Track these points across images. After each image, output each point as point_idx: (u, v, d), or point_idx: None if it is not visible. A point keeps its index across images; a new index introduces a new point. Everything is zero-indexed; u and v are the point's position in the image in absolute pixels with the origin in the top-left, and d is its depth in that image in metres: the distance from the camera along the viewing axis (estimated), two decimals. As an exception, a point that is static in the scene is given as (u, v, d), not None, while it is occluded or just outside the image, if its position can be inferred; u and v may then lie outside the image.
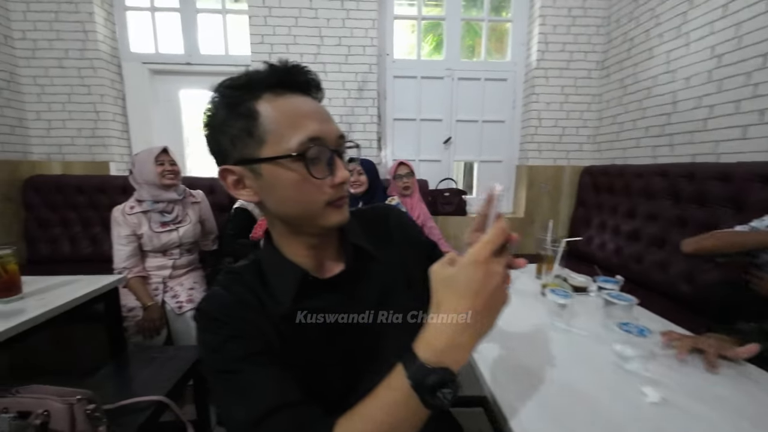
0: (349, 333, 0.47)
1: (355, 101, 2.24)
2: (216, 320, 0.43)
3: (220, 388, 0.41)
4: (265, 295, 0.45)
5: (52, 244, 2.07)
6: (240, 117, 0.41)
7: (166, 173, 1.53)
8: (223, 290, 0.46)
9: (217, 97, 0.43)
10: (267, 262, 0.48)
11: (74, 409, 0.72)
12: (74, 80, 2.12)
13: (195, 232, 1.65)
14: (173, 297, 1.51)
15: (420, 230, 0.62)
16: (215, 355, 0.41)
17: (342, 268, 0.50)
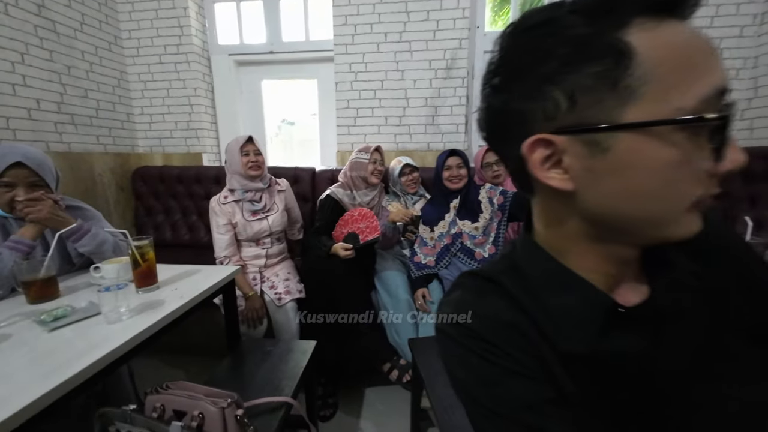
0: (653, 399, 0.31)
1: (442, 82, 2.05)
2: (487, 342, 0.32)
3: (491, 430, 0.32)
4: (545, 319, 0.33)
5: (156, 230, 2.23)
6: (596, 58, 0.26)
7: (250, 163, 1.52)
8: (479, 299, 0.35)
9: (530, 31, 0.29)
10: (537, 271, 0.35)
11: (225, 414, 0.68)
12: (172, 75, 2.23)
13: (283, 221, 1.64)
14: (271, 288, 1.51)
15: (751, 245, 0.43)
16: (489, 390, 0.32)
17: (646, 296, 0.34)
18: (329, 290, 1.46)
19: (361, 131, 2.16)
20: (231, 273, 1.11)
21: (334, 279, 1.45)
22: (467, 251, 1.41)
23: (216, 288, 1.03)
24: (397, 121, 2.12)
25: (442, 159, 1.47)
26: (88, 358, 0.63)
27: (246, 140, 1.53)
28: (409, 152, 2.12)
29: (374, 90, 2.10)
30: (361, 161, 1.64)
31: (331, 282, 1.46)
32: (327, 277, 1.47)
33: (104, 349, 0.66)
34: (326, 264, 1.52)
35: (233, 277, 1.13)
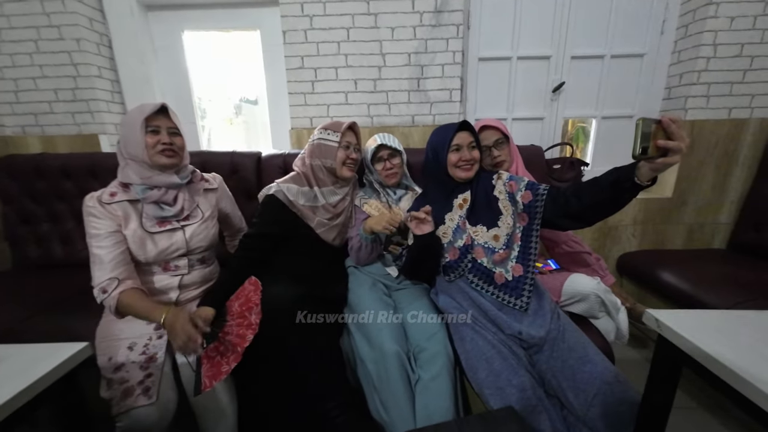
0: None
1: (429, 31, 1.51)
2: None
3: None
4: None
5: (40, 246, 1.59)
6: None
7: (160, 146, 0.96)
8: None
9: None
10: None
11: None
12: (39, 19, 1.53)
13: (209, 234, 1.08)
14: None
15: None
16: None
17: None
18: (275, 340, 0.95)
19: (322, 100, 1.60)
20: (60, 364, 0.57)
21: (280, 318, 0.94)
22: (482, 272, 0.94)
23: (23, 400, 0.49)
24: (371, 86, 1.57)
25: (448, 136, 0.96)
26: None
27: (155, 110, 0.95)
28: (388, 128, 1.59)
29: (338, 42, 1.52)
30: (327, 144, 1.10)
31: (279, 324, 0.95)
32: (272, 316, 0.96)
33: None
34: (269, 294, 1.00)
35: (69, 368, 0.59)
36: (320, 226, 1.12)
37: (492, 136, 1.14)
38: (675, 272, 1.40)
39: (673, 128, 0.66)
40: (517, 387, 0.80)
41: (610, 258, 1.69)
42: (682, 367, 0.61)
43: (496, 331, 0.90)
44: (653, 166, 0.69)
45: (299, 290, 0.98)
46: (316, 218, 1.11)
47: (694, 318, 0.64)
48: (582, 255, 1.20)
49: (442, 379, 0.88)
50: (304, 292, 0.98)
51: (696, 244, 1.67)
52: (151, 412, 0.82)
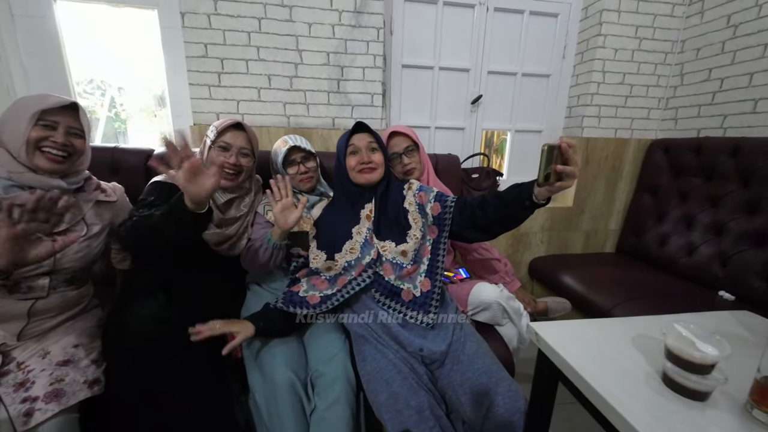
0: None
1: (349, 31, 1.45)
2: None
3: None
4: None
5: None
6: None
7: (49, 146, 0.79)
8: None
9: None
10: None
11: None
12: None
13: (89, 253, 0.89)
14: (20, 387, 0.75)
15: None
16: None
17: None
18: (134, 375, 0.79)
19: (231, 95, 1.43)
20: None
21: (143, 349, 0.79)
22: (389, 290, 0.88)
23: None
24: (287, 83, 1.45)
25: (345, 139, 0.89)
26: None
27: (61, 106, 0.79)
28: (307, 130, 1.48)
29: (248, 32, 1.38)
30: (206, 143, 0.96)
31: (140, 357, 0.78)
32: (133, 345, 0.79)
33: None
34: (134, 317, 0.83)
35: None
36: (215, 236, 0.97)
37: (402, 143, 1.11)
38: (573, 275, 1.53)
39: (569, 153, 0.67)
40: (415, 408, 0.76)
41: (522, 263, 1.79)
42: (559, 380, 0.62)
43: (398, 349, 0.86)
44: (551, 189, 0.71)
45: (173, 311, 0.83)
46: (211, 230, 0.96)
47: (569, 329, 0.66)
48: (491, 261, 1.23)
49: (339, 407, 0.80)
50: (181, 315, 0.83)
51: (592, 248, 1.86)
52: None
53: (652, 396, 0.50)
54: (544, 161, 0.67)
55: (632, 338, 0.63)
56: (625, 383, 0.52)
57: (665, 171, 1.67)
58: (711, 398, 0.48)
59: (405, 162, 1.10)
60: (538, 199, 0.75)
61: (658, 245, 1.60)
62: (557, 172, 0.67)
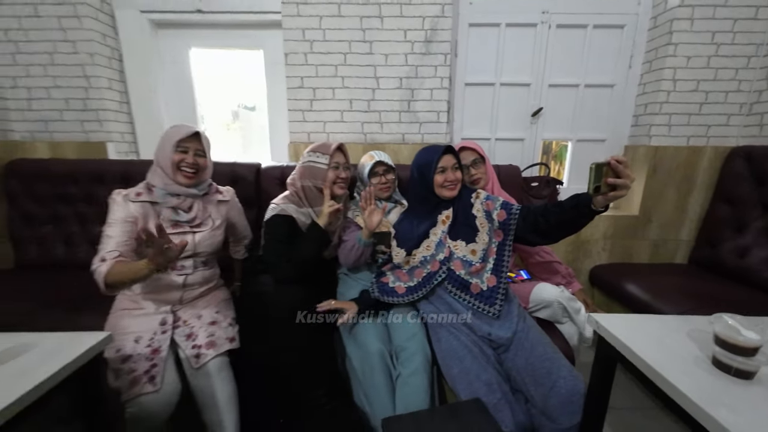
0: None
1: (420, 58, 1.65)
2: None
3: None
4: None
5: (41, 246, 1.66)
6: None
7: (184, 164, 1.09)
8: None
9: None
10: None
11: None
12: (56, 34, 1.63)
13: (214, 241, 1.19)
14: (188, 338, 1.06)
15: None
16: None
17: None
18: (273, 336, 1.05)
19: (320, 118, 1.72)
20: (87, 350, 0.66)
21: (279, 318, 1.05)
22: (459, 282, 1.05)
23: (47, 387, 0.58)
24: (365, 105, 1.70)
25: (434, 159, 1.07)
26: None
27: (190, 135, 1.08)
28: (380, 145, 1.71)
29: (335, 66, 1.66)
30: (317, 167, 1.20)
31: (276, 323, 1.05)
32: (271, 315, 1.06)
33: None
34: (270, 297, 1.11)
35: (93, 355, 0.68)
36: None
37: (470, 156, 1.27)
38: (638, 284, 1.53)
39: (620, 168, 0.79)
40: (485, 382, 0.91)
41: (582, 270, 1.82)
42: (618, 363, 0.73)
43: (469, 333, 1.01)
44: (605, 198, 0.82)
45: (301, 293, 1.09)
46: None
47: (628, 321, 0.76)
48: (552, 264, 1.32)
49: (419, 375, 0.98)
50: (305, 296, 1.09)
51: (660, 259, 1.82)
52: (156, 399, 0.91)
53: (703, 375, 0.60)
54: (592, 177, 0.79)
55: (687, 332, 0.71)
56: (679, 364, 0.62)
57: (747, 180, 1.59)
58: (756, 378, 0.57)
59: (472, 173, 1.26)
60: (596, 206, 0.86)
61: (736, 257, 1.53)
62: (608, 184, 0.79)
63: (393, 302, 1.10)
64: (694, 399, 0.53)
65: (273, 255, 1.14)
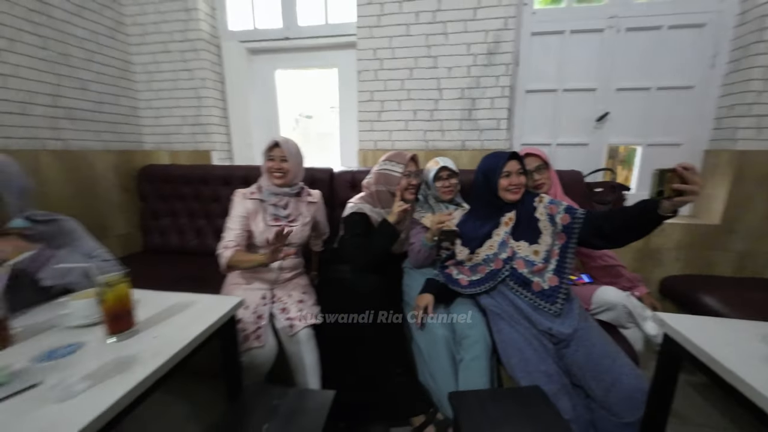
0: None
1: (482, 69, 1.75)
2: None
3: None
4: None
5: (162, 235, 2.06)
6: None
7: (272, 169, 1.35)
8: None
9: None
10: None
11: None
12: (178, 65, 2.03)
13: (304, 235, 1.43)
14: (282, 311, 1.29)
15: None
16: None
17: None
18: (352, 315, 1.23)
19: (386, 127, 1.90)
20: (231, 308, 0.89)
21: (357, 301, 1.23)
22: (521, 280, 1.13)
23: (210, 332, 0.80)
24: (428, 115, 1.84)
25: (500, 164, 1.16)
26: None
27: (273, 145, 1.35)
28: (441, 152, 1.84)
29: (402, 80, 1.82)
30: (391, 174, 1.37)
31: (355, 305, 1.23)
32: (350, 298, 1.25)
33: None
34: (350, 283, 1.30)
35: (233, 314, 0.91)
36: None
37: (533, 162, 1.33)
38: (717, 297, 1.45)
39: (687, 175, 0.81)
40: (544, 372, 0.98)
41: (650, 280, 1.74)
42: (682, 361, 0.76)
43: (529, 327, 1.09)
44: (672, 203, 0.85)
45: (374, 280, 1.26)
46: None
47: (693, 321, 0.79)
48: (617, 268, 1.33)
49: (481, 361, 1.08)
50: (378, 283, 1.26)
51: (746, 272, 1.67)
52: (261, 353, 1.15)
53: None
54: (655, 182, 0.82)
55: (761, 336, 0.73)
56: (749, 361, 0.65)
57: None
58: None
59: (536, 178, 1.32)
60: (663, 212, 0.88)
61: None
62: (674, 189, 0.81)
63: (457, 291, 1.22)
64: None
65: (351, 246, 1.33)
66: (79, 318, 0.78)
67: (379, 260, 1.32)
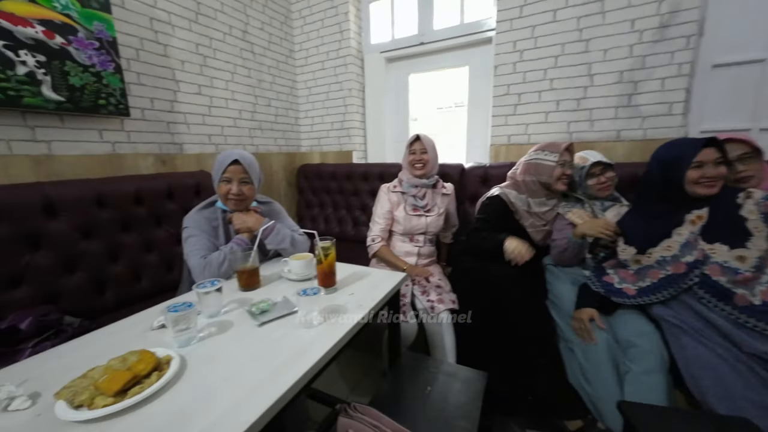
0: None
1: (649, 47, 1.51)
2: None
3: None
4: None
5: (312, 222, 2.48)
6: None
7: (414, 161, 1.52)
8: None
9: None
10: None
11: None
12: (331, 78, 2.41)
13: (439, 223, 1.56)
14: (423, 293, 1.40)
15: None
16: None
17: None
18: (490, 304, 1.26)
19: (522, 121, 1.83)
20: (401, 280, 1.03)
21: (495, 290, 1.25)
22: (718, 290, 0.94)
23: (389, 296, 0.95)
24: (573, 105, 1.70)
25: (689, 153, 0.99)
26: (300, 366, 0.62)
27: (414, 139, 1.53)
28: (588, 144, 1.67)
29: (544, 70, 1.73)
30: (544, 163, 1.33)
31: (492, 294, 1.25)
32: (488, 288, 1.27)
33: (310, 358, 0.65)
34: (486, 273, 1.32)
35: (399, 288, 1.04)
36: (532, 227, 1.37)
37: (737, 149, 1.09)
38: None
39: None
40: (757, 404, 0.81)
41: None
42: None
43: (729, 347, 0.90)
44: None
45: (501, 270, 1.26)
46: (530, 219, 1.37)
47: None
48: None
49: (654, 375, 0.95)
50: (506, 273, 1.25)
51: None
52: (406, 327, 1.28)
53: None
54: None
55: None
56: None
57: None
58: None
59: (739, 169, 1.07)
60: None
61: None
62: None
63: (621, 302, 1.10)
64: None
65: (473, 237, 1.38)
66: (295, 274, 1.03)
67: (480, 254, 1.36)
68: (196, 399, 0.54)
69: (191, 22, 1.77)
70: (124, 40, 1.47)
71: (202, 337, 0.73)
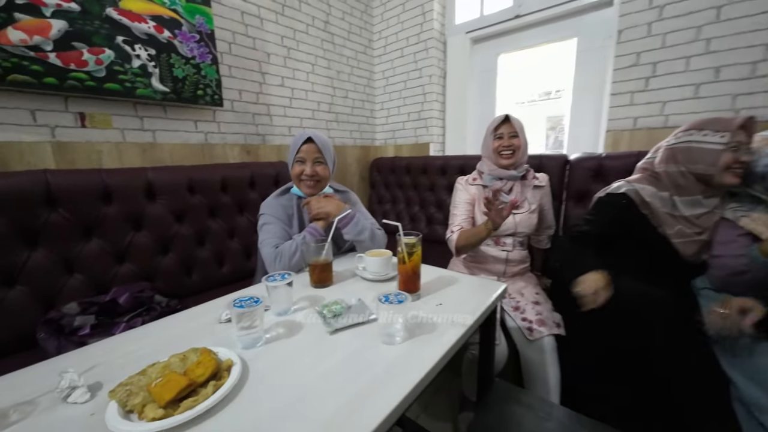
0: None
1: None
2: None
3: None
4: None
5: (383, 217, 2.36)
6: None
7: (501, 148, 1.24)
8: None
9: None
10: None
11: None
12: (410, 66, 2.25)
13: (531, 222, 1.26)
14: (516, 309, 1.14)
15: None
16: None
17: None
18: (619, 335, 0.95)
19: (656, 98, 1.42)
20: (497, 295, 0.81)
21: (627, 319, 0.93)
22: None
23: (486, 314, 0.75)
24: (746, 71, 1.23)
25: None
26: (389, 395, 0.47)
27: (502, 120, 1.25)
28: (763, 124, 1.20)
29: (698, 27, 1.30)
30: (703, 147, 0.95)
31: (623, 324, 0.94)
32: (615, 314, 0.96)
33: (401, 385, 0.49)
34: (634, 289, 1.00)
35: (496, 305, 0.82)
36: (680, 235, 1.00)
37: None
38: None
39: None
40: None
41: None
42: None
43: None
44: None
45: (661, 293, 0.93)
46: (677, 226, 1.00)
47: None
48: None
49: None
50: (668, 297, 0.92)
51: None
52: (498, 350, 1.03)
53: None
54: None
55: None
56: None
57: None
58: None
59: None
60: None
61: None
62: None
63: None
64: None
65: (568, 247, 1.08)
66: (371, 273, 0.89)
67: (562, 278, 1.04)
68: (257, 424, 0.42)
69: (278, 15, 1.79)
70: (219, 34, 1.53)
71: (269, 339, 0.63)
